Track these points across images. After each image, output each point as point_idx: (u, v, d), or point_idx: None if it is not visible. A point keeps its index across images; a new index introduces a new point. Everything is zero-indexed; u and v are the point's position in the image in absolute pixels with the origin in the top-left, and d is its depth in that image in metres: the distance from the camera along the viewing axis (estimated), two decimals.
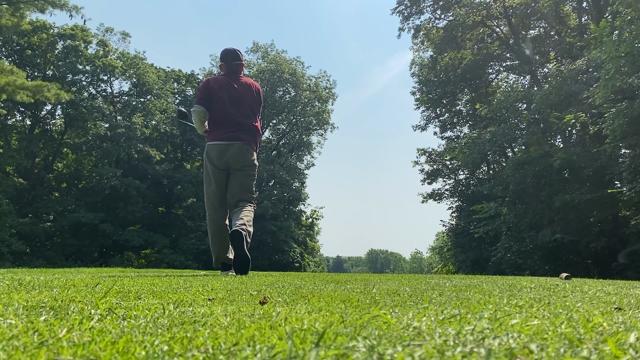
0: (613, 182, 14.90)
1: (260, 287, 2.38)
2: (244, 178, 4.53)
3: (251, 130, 4.58)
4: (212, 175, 4.54)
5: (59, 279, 2.89)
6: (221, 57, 4.72)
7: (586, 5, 21.46)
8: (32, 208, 25.88)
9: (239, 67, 4.70)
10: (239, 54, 4.73)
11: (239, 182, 4.52)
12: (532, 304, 1.64)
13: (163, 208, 31.48)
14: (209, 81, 4.60)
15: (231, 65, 4.66)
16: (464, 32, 24.08)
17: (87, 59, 28.79)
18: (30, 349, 0.77)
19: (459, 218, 27.80)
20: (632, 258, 14.19)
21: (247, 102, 4.58)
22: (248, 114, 4.57)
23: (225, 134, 4.46)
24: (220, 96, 4.49)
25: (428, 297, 1.86)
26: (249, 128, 4.57)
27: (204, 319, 1.15)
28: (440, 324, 1.09)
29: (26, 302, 1.43)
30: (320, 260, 43.77)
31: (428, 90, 28.37)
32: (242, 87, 4.59)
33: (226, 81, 4.57)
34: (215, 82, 4.57)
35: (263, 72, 33.89)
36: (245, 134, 4.53)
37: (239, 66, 4.70)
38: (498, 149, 21.69)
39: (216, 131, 4.50)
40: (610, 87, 12.59)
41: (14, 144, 26.96)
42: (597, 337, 0.94)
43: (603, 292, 2.44)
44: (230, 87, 4.53)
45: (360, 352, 0.76)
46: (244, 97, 4.56)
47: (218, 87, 4.51)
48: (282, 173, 31.93)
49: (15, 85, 16.05)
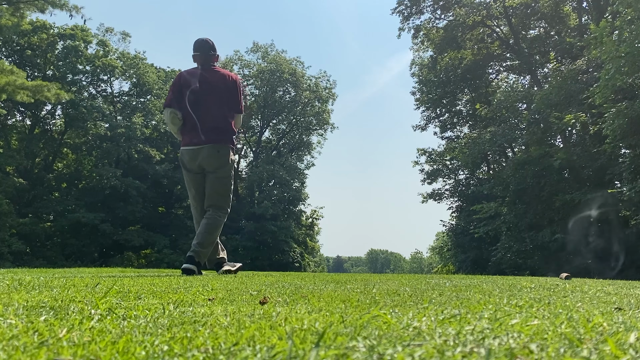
0: (613, 182, 14.91)
1: (260, 287, 2.38)
2: (216, 181, 4.40)
3: (224, 128, 4.39)
4: (189, 181, 4.46)
5: (59, 279, 2.89)
6: (194, 48, 4.54)
7: (586, 5, 21.46)
8: (32, 208, 25.88)
9: (212, 57, 4.51)
10: (212, 44, 4.56)
11: (212, 187, 4.40)
12: (532, 304, 1.64)
13: (163, 208, 31.47)
14: (180, 76, 4.44)
15: (204, 56, 4.48)
16: (464, 32, 24.08)
17: (87, 59, 28.80)
18: (30, 349, 0.77)
19: (459, 218, 27.80)
20: (633, 258, 14.19)
21: (220, 95, 4.38)
22: (222, 109, 4.39)
23: (195, 138, 4.30)
24: (191, 92, 4.31)
25: (428, 297, 1.86)
26: (222, 126, 4.37)
27: (204, 319, 1.15)
28: (440, 324, 1.09)
29: (26, 302, 1.43)
30: (320, 260, 43.79)
31: (428, 90, 28.38)
32: (215, 79, 4.41)
33: (197, 74, 4.39)
34: (187, 75, 4.40)
35: (263, 72, 33.90)
36: (218, 133, 4.34)
37: (212, 57, 4.51)
38: (498, 149, 21.69)
39: (186, 135, 4.36)
40: (610, 87, 12.59)
41: (14, 144, 26.96)
42: (597, 337, 0.94)
43: (603, 292, 2.44)
44: (202, 81, 4.35)
45: (360, 352, 0.76)
46: (216, 90, 4.37)
47: (189, 82, 4.34)
48: (282, 173, 31.92)
49: (15, 85, 16.05)
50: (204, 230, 4.28)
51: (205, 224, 4.30)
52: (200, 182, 4.44)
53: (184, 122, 4.36)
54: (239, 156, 36.26)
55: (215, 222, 4.33)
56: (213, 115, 4.34)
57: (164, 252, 26.91)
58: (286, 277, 4.11)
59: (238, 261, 5.93)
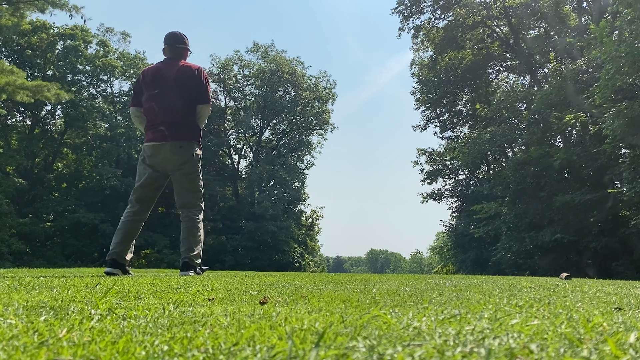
0: (613, 182, 14.91)
1: (260, 287, 2.38)
2: (182, 179, 4.27)
3: (186, 123, 4.24)
4: (142, 173, 4.31)
5: (59, 279, 2.89)
6: (163, 40, 4.45)
7: (586, 5, 21.46)
8: (32, 208, 25.88)
9: (181, 51, 4.41)
10: (181, 37, 4.45)
11: (179, 185, 4.29)
12: (532, 304, 1.64)
13: (163, 208, 31.43)
14: (142, 74, 4.36)
15: (172, 49, 4.38)
16: (464, 32, 24.08)
17: (87, 59, 28.80)
18: (30, 349, 0.77)
19: (459, 218, 27.81)
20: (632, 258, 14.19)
21: (181, 88, 4.22)
22: (184, 102, 4.23)
23: (157, 134, 4.18)
24: (149, 89, 4.22)
25: (428, 297, 1.86)
26: (184, 121, 4.22)
27: (204, 319, 1.15)
28: (440, 324, 1.09)
29: (26, 302, 1.43)
30: (320, 260, 43.77)
31: (428, 90, 28.38)
32: (175, 71, 4.25)
33: (157, 70, 4.28)
34: (148, 71, 4.31)
35: (263, 72, 33.89)
36: (179, 129, 4.19)
37: (181, 50, 4.41)
38: (498, 149, 21.70)
39: (149, 132, 4.25)
40: (610, 87, 12.60)
41: (14, 144, 26.96)
42: (597, 337, 0.94)
43: (603, 292, 2.44)
44: (161, 76, 4.23)
45: (360, 352, 0.76)
46: (177, 83, 4.21)
47: (150, 79, 4.24)
48: (282, 173, 31.92)
49: (15, 85, 16.05)
50: (186, 235, 4.21)
51: (184, 229, 4.24)
52: (152, 180, 4.28)
53: (147, 118, 4.26)
54: (239, 156, 36.30)
55: (192, 223, 4.24)
56: (174, 110, 4.19)
57: (164, 252, 26.91)
58: (286, 277, 4.11)
59: (238, 261, 5.91)
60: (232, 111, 35.70)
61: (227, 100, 35.69)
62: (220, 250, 28.50)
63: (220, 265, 26.79)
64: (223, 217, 31.11)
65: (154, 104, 4.20)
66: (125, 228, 4.24)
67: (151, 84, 4.23)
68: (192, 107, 4.29)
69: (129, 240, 4.26)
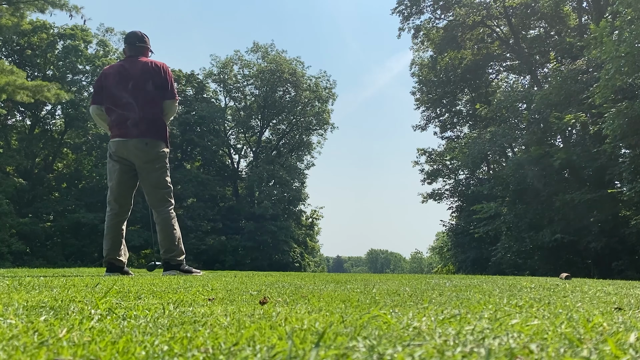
0: (613, 182, 14.91)
1: (260, 287, 2.38)
2: (149, 175, 4.25)
3: (151, 119, 4.20)
4: (112, 171, 4.30)
5: (59, 279, 2.89)
6: (124, 40, 4.48)
7: (586, 5, 21.46)
8: (32, 208, 25.88)
9: (141, 50, 4.38)
10: (141, 35, 4.43)
11: (147, 181, 4.28)
12: (532, 304, 1.64)
13: None
14: (102, 73, 4.31)
15: (131, 47, 4.36)
16: (464, 32, 24.09)
17: (87, 59, 28.79)
18: (30, 349, 0.77)
19: (459, 218, 27.81)
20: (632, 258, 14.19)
21: (143, 85, 4.18)
22: (147, 99, 4.19)
23: (123, 129, 4.16)
24: (112, 87, 4.18)
25: (428, 297, 1.86)
26: (149, 117, 4.18)
27: (204, 319, 1.15)
28: (440, 324, 1.09)
29: (26, 302, 1.43)
30: (320, 260, 43.79)
31: (428, 90, 28.39)
32: (136, 69, 4.21)
33: (120, 67, 4.25)
34: (109, 70, 4.28)
35: (263, 72, 33.89)
36: (144, 125, 4.16)
37: (141, 49, 4.38)
38: (498, 149, 21.69)
39: (114, 128, 4.23)
40: (610, 87, 12.60)
41: (14, 144, 26.96)
42: (597, 337, 0.94)
43: (603, 292, 2.44)
44: (124, 74, 4.19)
45: (360, 352, 0.76)
46: (139, 80, 4.17)
47: (111, 78, 4.20)
48: (282, 173, 31.92)
49: (15, 85, 16.04)
50: (163, 235, 4.22)
51: (159, 230, 4.24)
52: (122, 176, 4.27)
53: (111, 117, 4.22)
54: (239, 156, 36.29)
55: (166, 220, 4.23)
56: (139, 107, 4.15)
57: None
58: (286, 277, 4.11)
59: (238, 261, 5.91)
60: (232, 111, 35.70)
61: (227, 100, 35.72)
62: (220, 250, 28.50)
63: (220, 265, 26.79)
64: (223, 217, 31.12)
65: (118, 102, 4.17)
66: (111, 233, 4.26)
67: (115, 81, 4.19)
68: (158, 103, 4.26)
69: (119, 243, 4.27)
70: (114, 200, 4.33)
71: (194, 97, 33.73)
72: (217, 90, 35.43)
